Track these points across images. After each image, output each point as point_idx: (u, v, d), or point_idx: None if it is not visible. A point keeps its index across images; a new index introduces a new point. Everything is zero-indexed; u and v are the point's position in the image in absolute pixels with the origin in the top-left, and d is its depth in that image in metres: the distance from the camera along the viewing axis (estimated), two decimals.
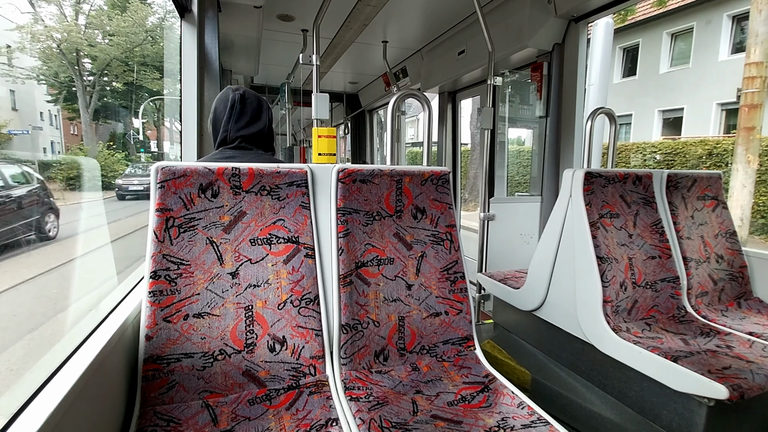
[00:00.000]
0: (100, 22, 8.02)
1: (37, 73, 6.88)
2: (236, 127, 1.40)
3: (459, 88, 3.75)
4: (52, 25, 6.97)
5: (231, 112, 1.39)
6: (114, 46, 7.94)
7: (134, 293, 1.11)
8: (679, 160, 8.21)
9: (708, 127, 10.27)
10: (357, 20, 3.02)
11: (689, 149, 8.03)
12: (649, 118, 11.89)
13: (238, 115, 1.40)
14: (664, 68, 11.58)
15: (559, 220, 1.67)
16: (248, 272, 1.07)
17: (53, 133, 10.01)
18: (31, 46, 6.46)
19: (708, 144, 7.74)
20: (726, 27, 10.10)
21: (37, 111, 7.73)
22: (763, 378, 1.14)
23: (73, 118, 8.80)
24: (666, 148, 8.53)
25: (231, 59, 3.68)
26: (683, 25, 10.98)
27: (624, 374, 1.41)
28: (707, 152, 7.69)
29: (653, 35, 11.71)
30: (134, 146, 8.80)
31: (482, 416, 0.98)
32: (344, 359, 1.12)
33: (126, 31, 7.90)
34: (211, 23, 2.10)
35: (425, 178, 1.30)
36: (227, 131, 1.40)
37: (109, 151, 9.31)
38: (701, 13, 10.52)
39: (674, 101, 11.22)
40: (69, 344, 0.81)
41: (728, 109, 10.08)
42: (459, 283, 1.29)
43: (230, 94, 1.41)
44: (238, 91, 1.41)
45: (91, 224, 6.03)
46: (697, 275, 1.71)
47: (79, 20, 7.52)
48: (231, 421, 0.93)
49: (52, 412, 0.58)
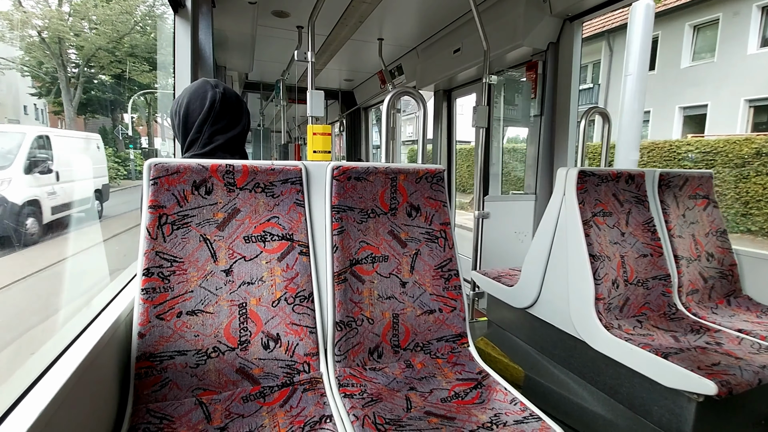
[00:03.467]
0: (84, 9, 7.42)
1: (18, 63, 6.40)
2: (212, 130, 1.24)
3: (454, 87, 3.75)
4: (32, 11, 6.52)
5: (209, 112, 1.23)
6: (100, 35, 7.46)
7: (127, 290, 1.10)
8: (721, 160, 7.36)
9: (734, 125, 9.56)
10: (352, 17, 3.01)
11: (731, 148, 7.18)
12: (667, 115, 11.12)
13: (216, 118, 1.24)
14: (685, 62, 10.75)
15: (553, 219, 1.68)
16: (242, 270, 1.07)
17: (39, 129, 9.30)
18: (11, 35, 6.07)
19: (755, 142, 6.87)
20: (756, 18, 9.23)
21: (20, 104, 7.31)
22: (752, 374, 1.16)
23: (59, 113, 8.22)
24: (704, 147, 7.63)
25: (225, 55, 3.66)
26: (708, 16, 10.03)
27: (615, 371, 1.43)
28: (755, 151, 6.88)
29: (674, 27, 10.80)
30: (123, 142, 8.19)
31: (475, 412, 0.99)
32: (338, 356, 1.12)
33: (112, 20, 7.42)
34: (205, 19, 2.08)
35: (420, 176, 1.30)
36: (200, 133, 1.24)
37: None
38: (728, 4, 9.58)
39: (697, 97, 10.35)
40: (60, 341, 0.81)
41: (757, 106, 9.32)
42: (453, 281, 1.29)
43: (209, 90, 1.25)
44: (218, 88, 1.26)
45: None
46: (688, 273, 1.73)
47: (62, 8, 7.06)
48: (224, 419, 0.93)
49: (44, 410, 0.58)
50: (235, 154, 1.29)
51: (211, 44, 2.11)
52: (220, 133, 1.25)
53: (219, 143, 1.25)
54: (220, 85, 1.28)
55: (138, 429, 0.87)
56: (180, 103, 1.28)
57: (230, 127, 1.27)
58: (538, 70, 2.61)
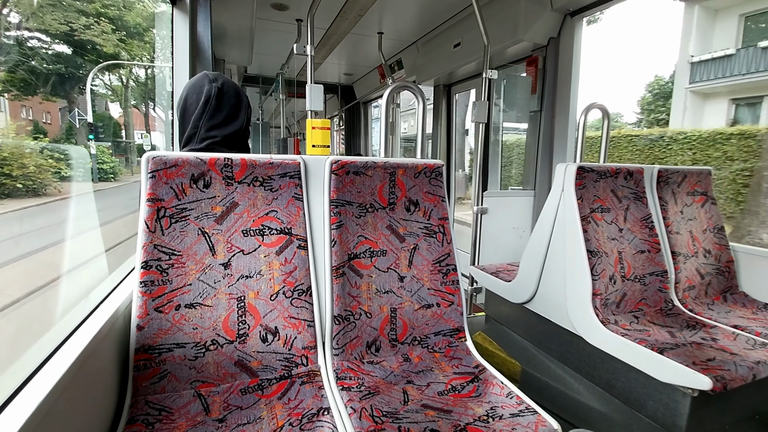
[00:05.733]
0: None
1: None
2: (208, 125, 1.21)
3: (454, 81, 3.74)
4: None
5: (205, 107, 1.20)
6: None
7: (125, 283, 1.11)
8: None
9: None
10: (352, 10, 2.99)
11: None
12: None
13: (212, 112, 1.21)
14: None
15: (551, 214, 1.69)
16: (240, 263, 1.07)
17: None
18: None
19: None
20: None
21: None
22: (746, 369, 1.17)
23: (18, 97, 5.69)
24: None
25: (224, 48, 3.63)
26: None
27: (611, 365, 1.44)
28: None
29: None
30: (84, 130, 5.78)
31: (472, 405, 1.00)
32: (336, 350, 1.13)
33: None
34: (204, 11, 2.07)
35: (419, 171, 1.30)
36: (197, 128, 1.21)
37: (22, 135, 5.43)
38: None
39: None
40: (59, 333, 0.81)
41: None
42: (451, 276, 1.30)
43: (206, 84, 1.22)
44: (216, 82, 1.22)
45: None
46: (685, 269, 1.74)
47: None
48: (223, 410, 0.94)
49: (42, 401, 0.58)
50: (234, 149, 1.26)
51: (209, 37, 2.09)
52: (217, 128, 1.22)
53: (216, 140, 1.22)
54: (219, 78, 1.24)
55: (137, 420, 0.88)
56: (181, 97, 1.26)
57: (227, 122, 1.23)
58: (539, 65, 2.60)
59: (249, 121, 1.31)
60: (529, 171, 2.81)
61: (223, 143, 1.23)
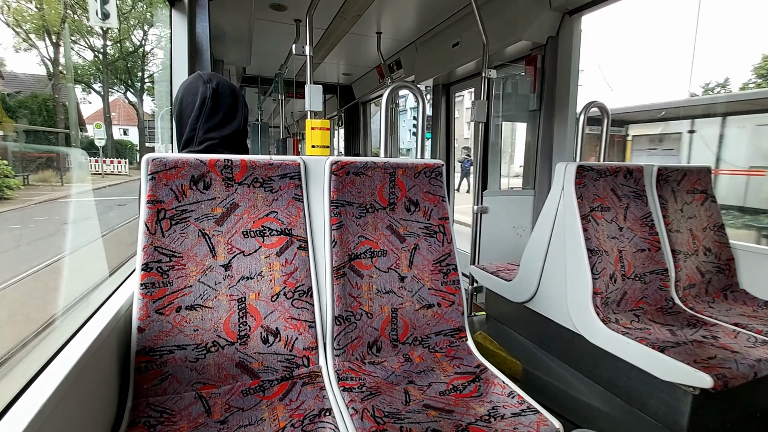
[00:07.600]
0: None
1: None
2: (205, 128, 1.20)
3: (453, 81, 3.74)
4: None
5: (201, 109, 1.19)
6: None
7: (126, 285, 1.10)
8: None
9: None
10: (351, 10, 2.99)
11: None
12: None
13: (209, 114, 1.19)
14: None
15: (551, 213, 1.69)
16: (241, 264, 1.07)
17: None
18: None
19: None
20: None
21: None
22: (747, 367, 1.17)
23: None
24: None
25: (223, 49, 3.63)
26: None
27: (612, 364, 1.44)
28: None
29: None
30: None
31: (473, 405, 1.00)
32: (337, 350, 1.13)
33: None
34: (203, 11, 2.06)
35: (419, 171, 1.30)
36: (194, 131, 1.20)
37: None
38: None
39: None
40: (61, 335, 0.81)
41: None
42: (451, 275, 1.30)
43: (200, 86, 1.20)
44: (210, 83, 1.21)
45: None
46: (686, 268, 1.74)
47: None
48: (224, 412, 0.94)
49: (44, 404, 0.58)
50: (232, 150, 1.25)
51: (208, 38, 2.09)
52: (215, 130, 1.21)
53: (215, 142, 1.21)
54: (214, 79, 1.23)
55: (138, 422, 0.87)
56: (176, 98, 1.25)
57: (225, 123, 1.22)
58: (537, 65, 2.60)
59: (246, 120, 1.29)
60: (528, 170, 2.81)
61: (222, 144, 1.22)
